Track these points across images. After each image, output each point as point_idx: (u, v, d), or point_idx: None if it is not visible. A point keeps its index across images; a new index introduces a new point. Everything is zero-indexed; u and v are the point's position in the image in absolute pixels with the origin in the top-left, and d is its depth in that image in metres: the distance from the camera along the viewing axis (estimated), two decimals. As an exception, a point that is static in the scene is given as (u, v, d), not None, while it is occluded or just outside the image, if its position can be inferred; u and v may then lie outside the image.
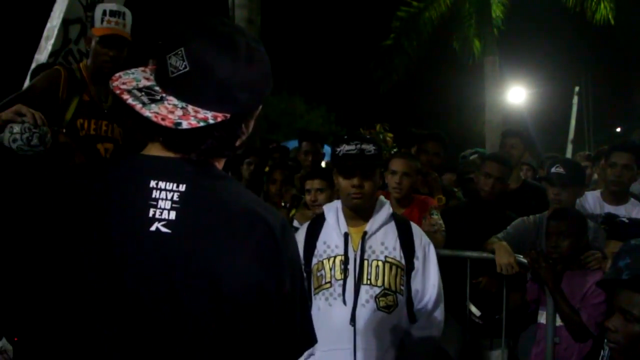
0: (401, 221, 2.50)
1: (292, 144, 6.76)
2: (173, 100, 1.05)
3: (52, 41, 3.61)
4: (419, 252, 2.42)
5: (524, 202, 3.55)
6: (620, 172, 3.29)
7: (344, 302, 2.33)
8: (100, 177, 1.09)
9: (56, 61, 3.54)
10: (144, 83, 1.09)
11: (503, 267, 2.94)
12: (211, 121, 1.04)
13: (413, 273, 2.40)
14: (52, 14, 3.69)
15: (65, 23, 3.65)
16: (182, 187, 1.06)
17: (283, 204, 3.56)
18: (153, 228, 1.02)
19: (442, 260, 3.21)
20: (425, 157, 3.99)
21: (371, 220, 2.42)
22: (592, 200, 3.45)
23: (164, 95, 1.06)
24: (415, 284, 2.40)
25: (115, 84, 1.08)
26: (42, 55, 3.62)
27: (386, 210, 2.46)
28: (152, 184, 1.05)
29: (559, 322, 2.82)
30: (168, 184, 1.06)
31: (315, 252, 2.44)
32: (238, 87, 1.07)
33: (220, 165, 1.17)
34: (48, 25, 3.68)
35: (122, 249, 1.01)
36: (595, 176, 5.01)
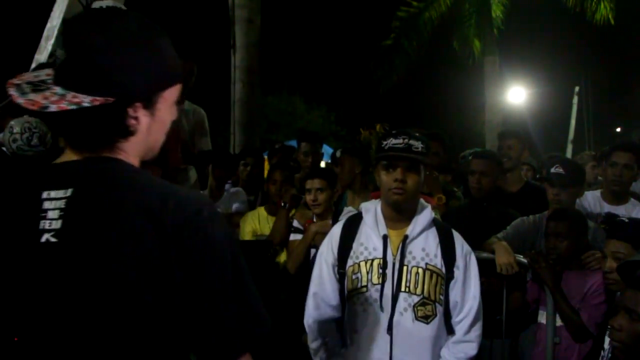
0: (442, 227, 2.36)
1: (292, 144, 6.76)
2: (57, 89, 1.05)
3: (52, 41, 3.60)
4: (460, 261, 2.28)
5: (525, 204, 3.55)
6: (620, 172, 3.29)
7: (381, 308, 2.21)
8: (4, 194, 1.11)
9: (56, 61, 3.54)
10: (41, 77, 1.09)
11: (503, 267, 2.94)
12: (86, 104, 1.02)
13: (452, 282, 2.27)
14: (52, 14, 3.68)
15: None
16: (69, 192, 1.05)
17: (283, 204, 3.56)
18: (43, 239, 1.03)
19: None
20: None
21: (412, 224, 2.28)
22: (592, 200, 3.46)
23: (51, 86, 1.06)
24: (455, 295, 2.27)
25: (12, 80, 1.08)
26: (42, 55, 3.61)
27: (428, 214, 2.33)
28: (44, 194, 1.06)
29: (559, 322, 2.82)
30: (57, 192, 1.06)
31: (351, 254, 2.30)
32: (117, 70, 1.05)
33: (125, 153, 1.13)
34: (48, 25, 3.67)
35: (17, 265, 1.04)
36: (599, 178, 5.01)
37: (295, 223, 3.46)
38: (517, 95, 17.47)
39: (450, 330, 2.29)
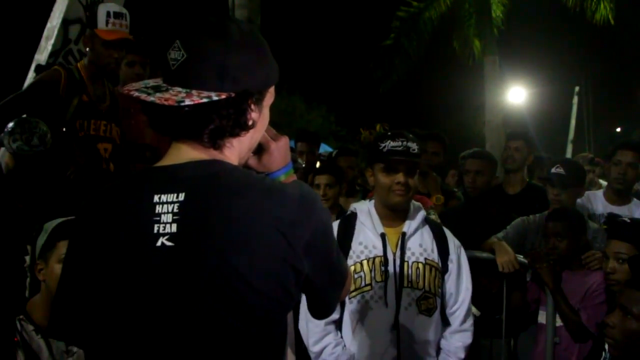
0: (434, 224, 2.47)
1: (292, 144, 6.75)
2: (178, 89, 1.10)
3: (52, 41, 3.60)
4: (453, 255, 2.39)
5: (526, 205, 3.54)
6: (624, 170, 3.29)
7: (386, 304, 2.25)
8: (116, 197, 1.16)
9: (56, 61, 3.54)
10: (151, 84, 1.14)
11: (504, 264, 2.93)
12: (215, 98, 1.08)
13: (447, 275, 2.37)
14: (52, 14, 3.67)
15: (65, 23, 3.64)
16: (181, 197, 1.08)
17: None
18: (159, 243, 1.07)
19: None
20: (424, 157, 3.98)
21: (408, 222, 2.36)
22: (594, 201, 3.45)
23: (169, 87, 1.11)
24: (450, 287, 2.37)
25: (125, 88, 1.14)
26: (42, 55, 3.61)
27: (421, 213, 2.42)
28: (156, 198, 1.09)
29: (559, 322, 2.82)
30: (169, 195, 1.09)
31: (351, 254, 2.32)
32: (237, 68, 1.12)
33: (232, 154, 1.19)
34: (48, 25, 3.67)
35: (134, 269, 1.08)
36: (596, 179, 5.00)
37: None
38: (517, 95, 17.45)
39: (446, 322, 2.36)
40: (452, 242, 2.43)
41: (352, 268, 2.29)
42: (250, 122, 1.17)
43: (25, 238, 2.34)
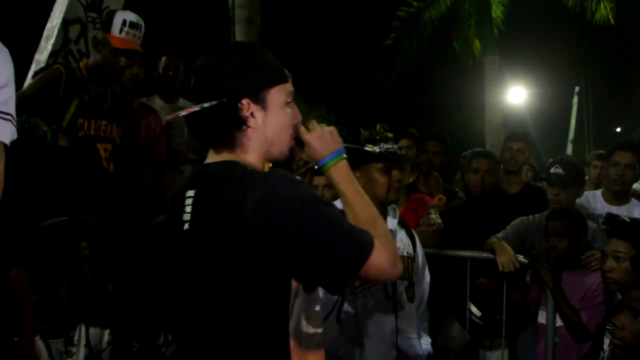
0: (401, 219, 2.66)
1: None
2: (194, 107, 1.41)
3: (52, 41, 3.60)
4: (418, 246, 2.63)
5: (525, 205, 3.54)
6: (622, 171, 3.28)
7: (388, 296, 2.44)
8: (174, 197, 1.50)
9: (56, 61, 3.54)
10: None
11: (504, 263, 2.94)
12: (206, 105, 1.37)
13: (415, 264, 2.59)
14: (52, 14, 3.68)
15: (65, 23, 3.64)
16: (193, 192, 1.41)
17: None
18: (185, 227, 1.41)
19: (442, 260, 3.22)
20: (425, 156, 3.99)
21: (389, 219, 2.52)
22: (592, 200, 3.45)
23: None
24: (417, 274, 2.60)
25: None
26: (42, 55, 3.61)
27: (396, 210, 2.60)
28: (187, 194, 1.42)
29: (559, 322, 2.83)
30: (190, 191, 1.42)
31: None
32: (226, 78, 1.39)
33: (243, 151, 1.42)
34: (48, 25, 3.67)
35: (174, 248, 1.45)
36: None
37: None
38: (517, 95, 17.46)
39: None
40: (413, 232, 2.68)
41: None
42: (244, 120, 1.39)
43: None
